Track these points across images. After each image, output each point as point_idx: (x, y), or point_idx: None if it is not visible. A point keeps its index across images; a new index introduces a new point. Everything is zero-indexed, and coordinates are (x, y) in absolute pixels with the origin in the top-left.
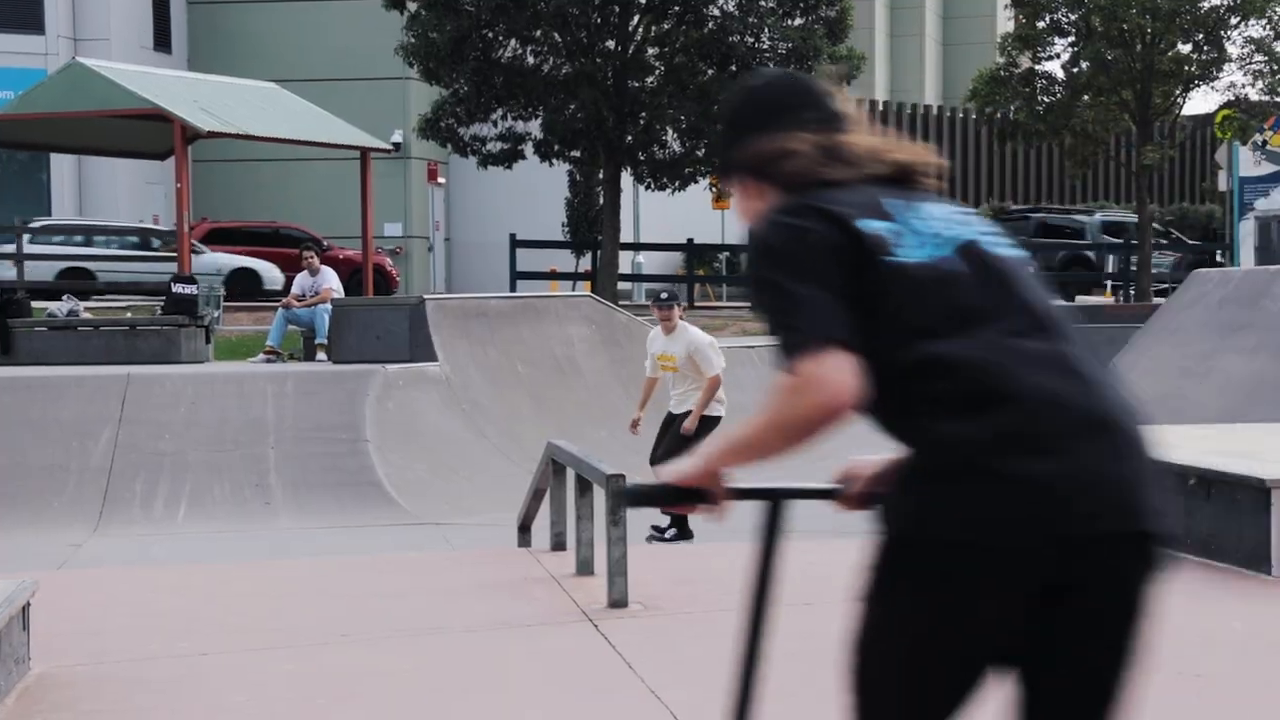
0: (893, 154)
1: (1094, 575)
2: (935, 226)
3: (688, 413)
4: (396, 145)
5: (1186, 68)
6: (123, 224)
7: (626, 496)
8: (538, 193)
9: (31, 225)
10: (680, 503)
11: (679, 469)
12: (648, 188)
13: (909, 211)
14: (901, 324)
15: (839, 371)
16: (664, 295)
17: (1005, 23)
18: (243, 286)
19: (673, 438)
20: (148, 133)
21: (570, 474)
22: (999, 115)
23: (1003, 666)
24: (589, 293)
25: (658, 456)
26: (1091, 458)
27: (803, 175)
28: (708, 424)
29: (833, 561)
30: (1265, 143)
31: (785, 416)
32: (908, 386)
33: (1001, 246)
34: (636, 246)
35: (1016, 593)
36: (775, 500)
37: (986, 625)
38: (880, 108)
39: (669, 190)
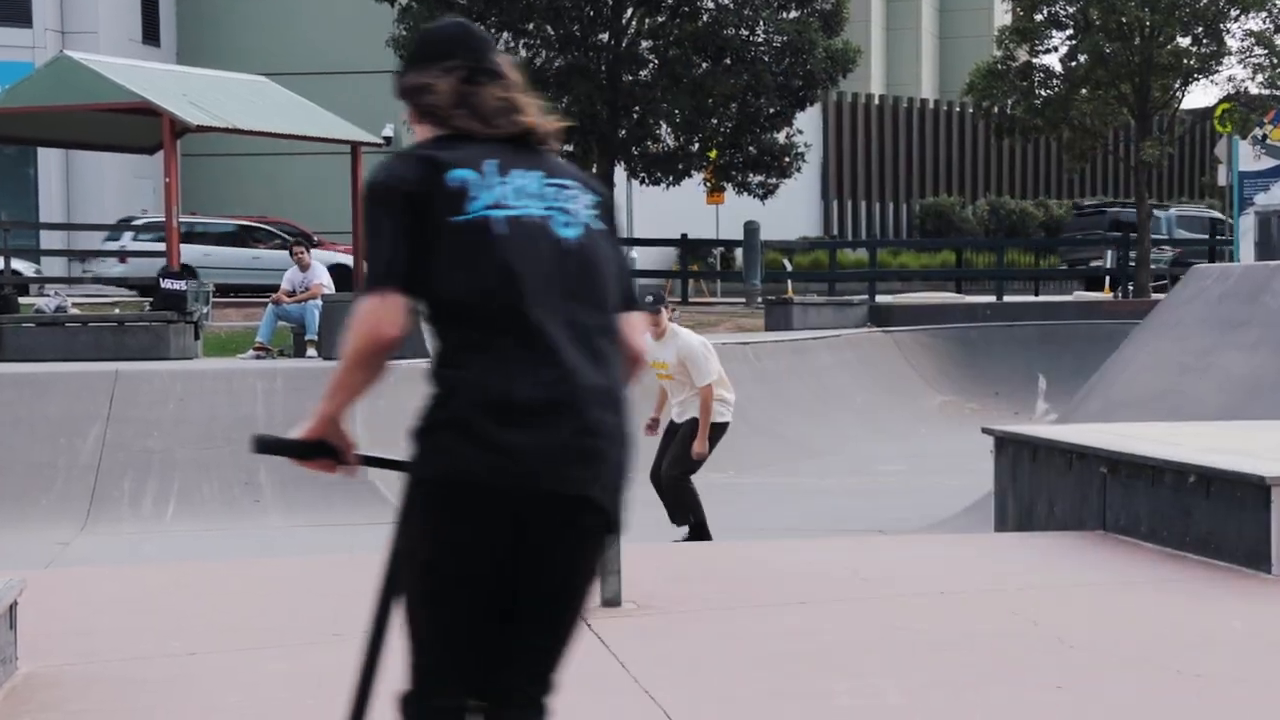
0: (522, 116)
1: (548, 524)
2: (514, 197)
3: (690, 420)
4: (388, 139)
5: (1186, 61)
6: (223, 221)
7: (255, 444)
8: None
9: (136, 222)
10: (308, 456)
11: (303, 424)
12: (641, 182)
13: (501, 177)
14: (444, 281)
15: (385, 311)
16: (647, 299)
17: (1002, 16)
18: (339, 283)
19: (678, 445)
20: (136, 127)
21: None
22: (996, 109)
23: (498, 589)
24: None
25: (658, 468)
26: (554, 434)
27: (436, 112)
28: (715, 431)
29: (826, 560)
30: (1265, 137)
31: (350, 350)
32: (437, 337)
33: (572, 228)
34: (630, 242)
35: (492, 529)
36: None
37: (473, 553)
38: (876, 102)
39: (663, 185)
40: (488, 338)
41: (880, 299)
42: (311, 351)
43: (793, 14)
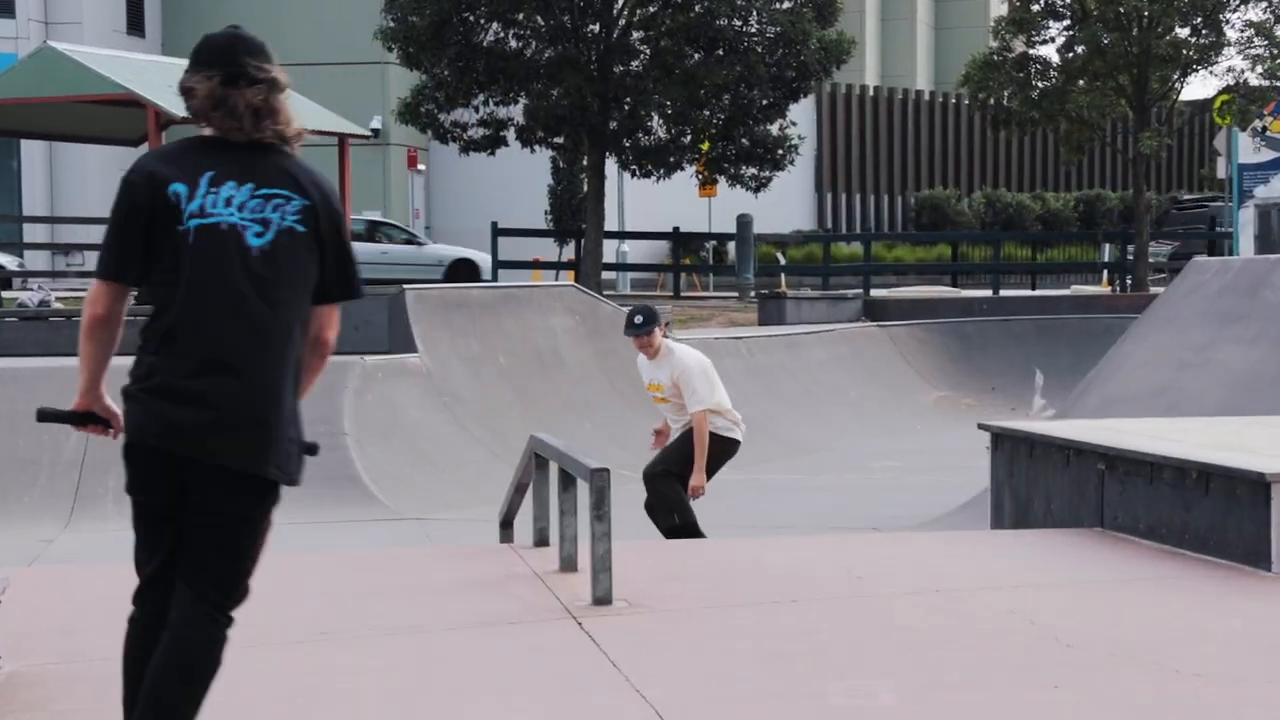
0: (268, 122)
1: (199, 478)
2: (219, 207)
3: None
4: (375, 131)
5: (1185, 52)
6: (353, 218)
7: (38, 415)
8: (520, 180)
9: None
10: (82, 424)
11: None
12: (633, 175)
13: (212, 189)
14: (156, 276)
15: (99, 297)
16: (637, 319)
17: (999, 6)
18: (464, 278)
19: (673, 448)
20: (121, 118)
21: (553, 468)
22: (992, 101)
23: (170, 515)
24: (572, 282)
25: (651, 466)
26: (204, 414)
27: (198, 114)
28: (728, 448)
29: (820, 558)
30: (1265, 129)
31: (80, 324)
32: (148, 319)
33: (264, 236)
34: (621, 235)
35: (157, 475)
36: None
37: (147, 488)
38: (871, 93)
39: (654, 177)
40: (173, 332)
41: (875, 293)
42: None
43: (786, 4)
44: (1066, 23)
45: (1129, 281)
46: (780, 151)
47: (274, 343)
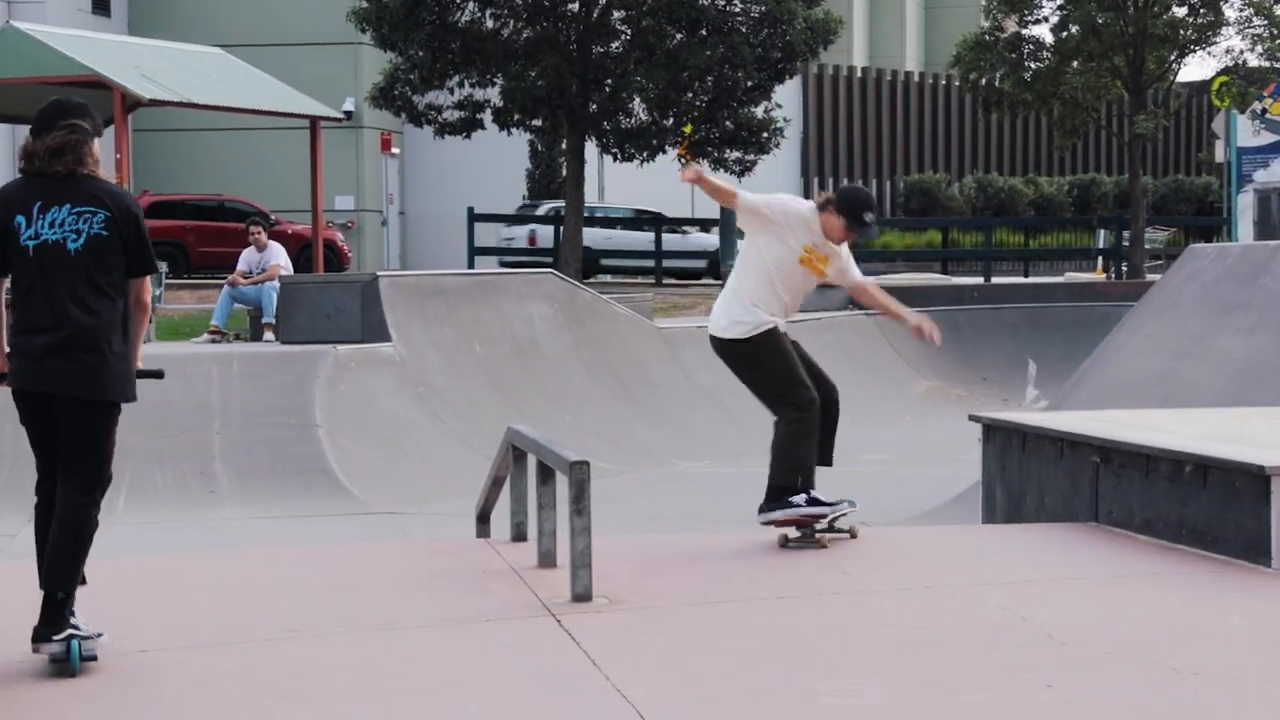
0: (71, 158)
1: (57, 408)
2: (46, 228)
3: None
4: (348, 114)
5: (1182, 32)
6: (618, 205)
7: None
8: (497, 164)
9: (539, 210)
10: (2, 381)
11: None
12: (614, 158)
13: (42, 215)
14: (14, 277)
15: None
16: (869, 217)
17: None
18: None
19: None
20: (86, 100)
21: (531, 460)
22: (984, 82)
23: (47, 431)
24: (551, 270)
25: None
26: (44, 359)
27: (27, 164)
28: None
29: (807, 554)
30: (1265, 111)
31: None
32: (12, 304)
33: (78, 241)
34: (601, 222)
35: (32, 406)
36: None
37: (26, 419)
38: (859, 74)
39: (636, 161)
40: (21, 309)
41: None
42: (269, 335)
43: None
44: (1060, 1)
45: (1124, 268)
46: (765, 135)
47: (88, 309)
